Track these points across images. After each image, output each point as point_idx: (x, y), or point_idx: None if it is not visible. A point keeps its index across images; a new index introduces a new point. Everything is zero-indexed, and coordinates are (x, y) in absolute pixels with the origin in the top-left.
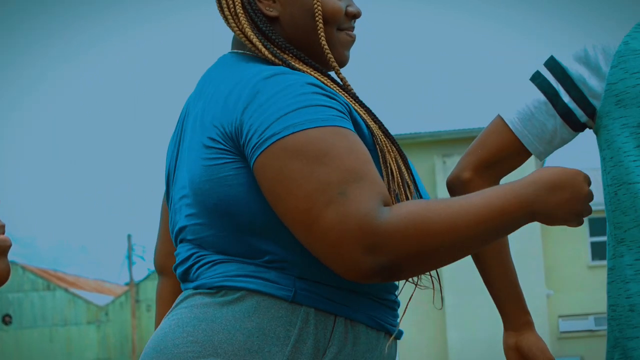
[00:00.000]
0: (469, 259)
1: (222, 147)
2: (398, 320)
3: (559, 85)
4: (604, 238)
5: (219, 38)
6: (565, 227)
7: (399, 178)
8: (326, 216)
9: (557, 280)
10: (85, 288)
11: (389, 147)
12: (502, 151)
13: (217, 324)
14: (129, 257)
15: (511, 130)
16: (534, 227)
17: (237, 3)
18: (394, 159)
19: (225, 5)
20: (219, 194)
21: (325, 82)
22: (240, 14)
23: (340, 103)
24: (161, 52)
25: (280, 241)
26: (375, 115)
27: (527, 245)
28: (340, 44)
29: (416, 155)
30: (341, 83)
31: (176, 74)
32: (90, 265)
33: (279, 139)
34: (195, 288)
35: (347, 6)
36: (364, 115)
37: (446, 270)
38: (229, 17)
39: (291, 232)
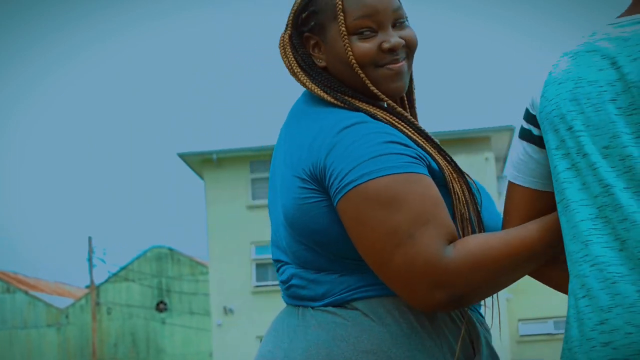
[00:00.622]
0: None
1: (311, 187)
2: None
3: (529, 124)
4: None
5: (218, 38)
6: None
7: (463, 208)
8: (396, 258)
9: (516, 284)
10: (45, 290)
11: (456, 178)
12: (525, 203)
13: (373, 332)
14: (90, 260)
15: (515, 184)
16: None
17: (292, 62)
18: (460, 189)
19: (288, 65)
20: (313, 228)
21: (384, 116)
22: (298, 72)
23: (412, 148)
24: (161, 52)
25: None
26: (441, 148)
27: None
28: (383, 79)
29: None
30: (403, 115)
31: (176, 74)
32: (50, 268)
33: (355, 186)
34: (325, 305)
35: (382, 42)
36: (430, 150)
37: None
38: (293, 74)
39: None
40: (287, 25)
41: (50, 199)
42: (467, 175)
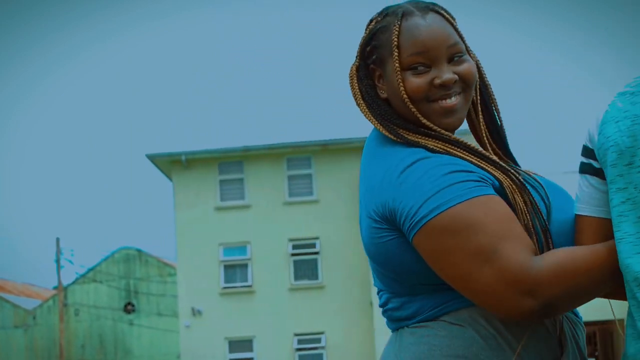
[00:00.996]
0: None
1: (382, 226)
2: None
3: (588, 159)
4: None
5: (218, 38)
6: None
7: (527, 219)
8: (485, 275)
9: None
10: (12, 292)
11: (516, 191)
12: (595, 232)
13: (463, 338)
14: (57, 261)
15: (583, 215)
16: None
17: (357, 93)
18: (522, 202)
19: (353, 95)
20: (390, 262)
21: (442, 147)
22: (360, 104)
23: (475, 173)
24: (161, 52)
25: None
26: (499, 164)
27: None
28: (435, 115)
29: (346, 160)
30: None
31: (174, 74)
32: (17, 269)
33: (428, 221)
34: (417, 322)
35: (434, 78)
36: (489, 169)
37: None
38: (357, 104)
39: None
40: (356, 56)
41: (18, 199)
42: (538, 181)
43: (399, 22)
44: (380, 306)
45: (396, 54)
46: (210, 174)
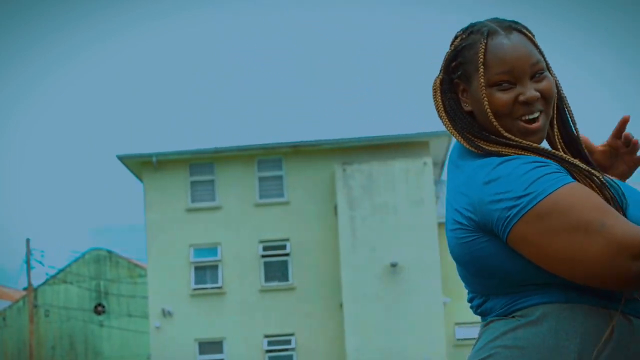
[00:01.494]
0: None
1: (469, 227)
2: None
3: None
4: None
5: (218, 38)
6: None
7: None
8: (596, 244)
9: (454, 288)
10: None
11: (600, 189)
12: None
13: (542, 330)
14: (28, 262)
15: None
16: (432, 235)
17: (440, 106)
18: (605, 199)
19: (436, 108)
20: (476, 263)
21: (526, 154)
22: (442, 116)
23: (554, 166)
24: (161, 52)
25: (535, 284)
26: (577, 165)
27: (424, 253)
28: (518, 132)
29: (316, 162)
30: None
31: (178, 74)
32: None
33: (530, 209)
34: (496, 316)
35: (518, 95)
36: (568, 168)
37: (345, 277)
38: (439, 117)
39: (549, 275)
40: (440, 70)
41: None
42: (614, 181)
43: (485, 41)
44: (468, 301)
45: (482, 71)
46: (181, 176)
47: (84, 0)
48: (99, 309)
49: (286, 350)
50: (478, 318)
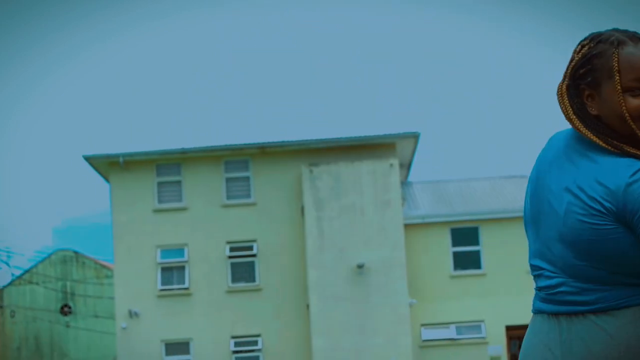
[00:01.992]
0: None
1: (604, 216)
2: None
3: None
4: (465, 248)
5: (218, 38)
6: (428, 236)
7: None
8: None
9: (420, 289)
10: None
11: None
12: None
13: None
14: None
15: None
16: (398, 236)
17: (569, 109)
18: None
19: (564, 111)
20: (602, 248)
21: None
22: (573, 118)
23: None
24: (161, 52)
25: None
26: None
27: (391, 254)
28: None
29: (283, 163)
30: None
31: (179, 74)
32: None
33: None
34: (593, 311)
35: None
36: None
37: (312, 278)
38: (568, 119)
39: None
40: (564, 76)
41: None
42: None
43: (616, 50)
44: (545, 287)
45: (618, 77)
46: (148, 176)
47: (84, 0)
48: (65, 310)
49: (253, 351)
50: (445, 318)
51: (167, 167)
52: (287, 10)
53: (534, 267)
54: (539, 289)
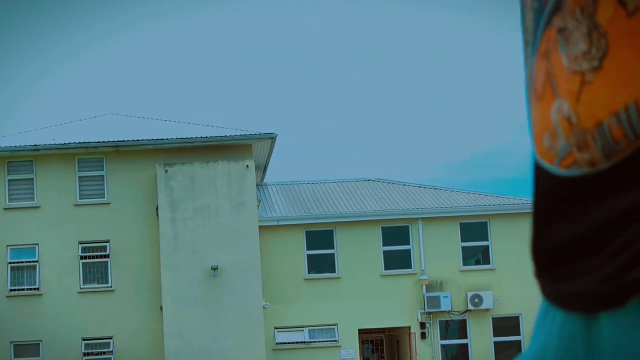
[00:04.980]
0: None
1: None
2: None
3: None
4: (320, 251)
5: (218, 38)
6: (284, 240)
7: None
8: None
9: (274, 292)
10: None
11: None
12: None
13: None
14: None
15: None
16: (253, 238)
17: None
18: None
19: None
20: None
21: None
22: None
23: None
24: (161, 52)
25: None
26: None
27: (245, 257)
28: None
29: (138, 163)
30: None
31: (175, 74)
32: None
33: None
34: None
35: None
36: None
37: (165, 279)
38: None
39: None
40: None
41: None
42: None
43: None
44: None
45: None
46: None
47: (84, 0)
48: None
49: (104, 353)
50: (298, 322)
51: (19, 164)
52: (287, 10)
53: None
54: None
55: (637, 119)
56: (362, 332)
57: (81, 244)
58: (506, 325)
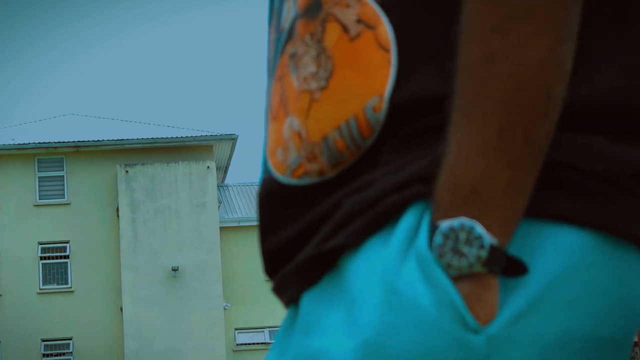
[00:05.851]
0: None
1: None
2: None
3: None
4: None
5: (218, 38)
6: (245, 240)
7: None
8: None
9: (234, 293)
10: None
11: None
12: None
13: None
14: None
15: None
16: (214, 239)
17: None
18: None
19: None
20: None
21: None
22: None
23: None
24: (160, 52)
25: None
26: None
27: (206, 258)
28: None
29: (98, 163)
30: None
31: (175, 74)
32: None
33: None
34: None
35: None
36: None
37: (126, 280)
38: None
39: None
40: None
41: None
42: None
43: None
44: None
45: None
46: None
47: (84, 0)
48: None
49: (64, 354)
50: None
51: None
52: (256, 12)
53: None
54: None
55: (357, 132)
56: None
57: (41, 244)
58: None
